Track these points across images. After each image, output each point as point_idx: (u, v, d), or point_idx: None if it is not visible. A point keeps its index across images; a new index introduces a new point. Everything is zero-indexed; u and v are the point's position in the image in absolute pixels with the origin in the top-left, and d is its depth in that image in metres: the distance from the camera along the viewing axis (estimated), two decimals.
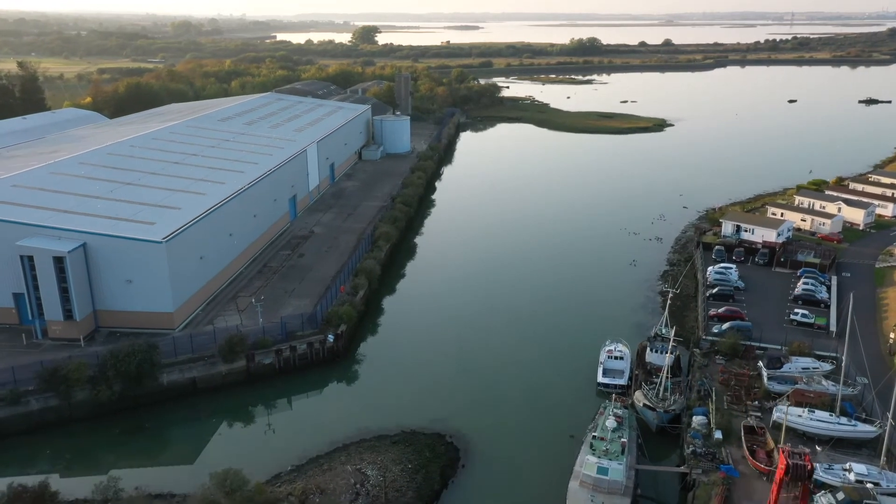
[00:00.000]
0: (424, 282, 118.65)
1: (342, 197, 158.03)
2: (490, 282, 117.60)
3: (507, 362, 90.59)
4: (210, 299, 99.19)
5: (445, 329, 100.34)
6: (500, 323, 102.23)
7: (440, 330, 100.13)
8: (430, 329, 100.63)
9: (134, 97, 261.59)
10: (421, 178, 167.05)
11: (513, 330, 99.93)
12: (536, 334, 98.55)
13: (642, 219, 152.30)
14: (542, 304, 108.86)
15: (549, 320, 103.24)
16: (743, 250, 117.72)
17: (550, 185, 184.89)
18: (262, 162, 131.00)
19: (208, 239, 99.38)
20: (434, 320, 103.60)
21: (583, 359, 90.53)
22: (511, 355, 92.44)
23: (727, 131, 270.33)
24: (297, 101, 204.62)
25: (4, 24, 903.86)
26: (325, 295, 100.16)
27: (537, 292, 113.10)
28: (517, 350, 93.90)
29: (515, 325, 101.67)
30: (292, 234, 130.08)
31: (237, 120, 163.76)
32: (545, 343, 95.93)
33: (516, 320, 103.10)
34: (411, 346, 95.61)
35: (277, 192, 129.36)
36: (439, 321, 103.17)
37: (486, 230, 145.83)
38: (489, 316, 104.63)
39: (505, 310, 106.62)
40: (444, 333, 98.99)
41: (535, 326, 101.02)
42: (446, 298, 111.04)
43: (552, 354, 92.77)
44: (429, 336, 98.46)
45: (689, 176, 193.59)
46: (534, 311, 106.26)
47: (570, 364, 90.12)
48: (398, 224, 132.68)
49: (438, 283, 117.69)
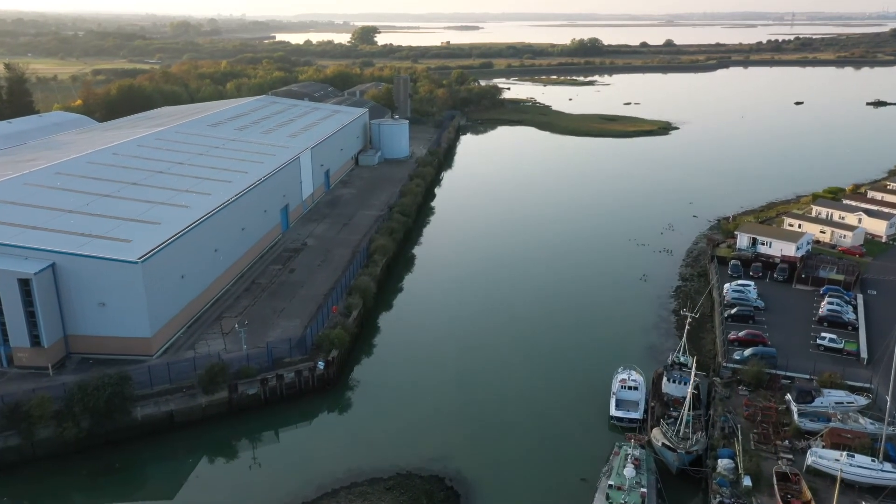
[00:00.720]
0: (422, 299, 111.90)
1: (337, 205, 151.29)
2: (491, 298, 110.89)
3: (510, 390, 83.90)
4: (192, 321, 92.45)
5: (444, 352, 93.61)
6: (502, 344, 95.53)
7: (439, 353, 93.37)
8: (428, 352, 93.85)
9: (126, 99, 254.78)
10: (420, 185, 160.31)
11: (517, 353, 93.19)
12: (542, 357, 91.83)
13: (650, 228, 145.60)
14: (547, 322, 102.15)
15: (555, 341, 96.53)
16: (760, 265, 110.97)
17: (554, 191, 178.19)
18: (253, 171, 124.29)
19: (191, 256, 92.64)
20: (432, 342, 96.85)
21: (592, 386, 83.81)
22: (515, 382, 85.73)
23: (734, 134, 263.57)
24: (291, 104, 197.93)
25: (2, 24, 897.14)
26: (317, 315, 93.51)
27: (542, 310, 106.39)
28: (521, 376, 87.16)
29: (519, 347, 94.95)
30: (284, 247, 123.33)
31: (228, 125, 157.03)
32: (551, 367, 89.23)
33: (520, 341, 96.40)
34: (408, 371, 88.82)
35: (268, 203, 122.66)
36: (438, 343, 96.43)
37: (486, 241, 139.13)
38: (491, 336, 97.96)
39: (507, 329, 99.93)
40: (442, 357, 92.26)
41: (540, 348, 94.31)
42: (445, 317, 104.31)
43: (559, 380, 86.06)
44: (427, 360, 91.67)
45: (697, 181, 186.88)
46: (539, 330, 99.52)
47: (579, 392, 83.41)
48: (395, 236, 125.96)
49: (437, 299, 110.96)
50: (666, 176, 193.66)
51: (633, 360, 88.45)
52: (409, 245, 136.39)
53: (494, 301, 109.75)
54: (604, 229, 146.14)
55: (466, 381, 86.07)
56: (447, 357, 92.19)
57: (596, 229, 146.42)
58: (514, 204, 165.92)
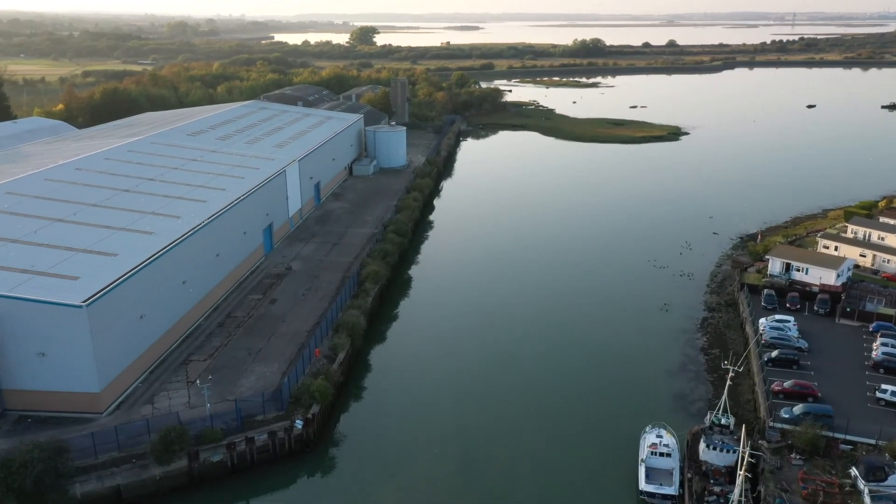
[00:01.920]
0: (418, 333, 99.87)
1: (328, 222, 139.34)
2: (494, 332, 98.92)
3: (520, 451, 71.98)
4: (153, 367, 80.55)
5: (442, 402, 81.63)
6: (510, 391, 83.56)
7: (436, 404, 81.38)
8: (424, 402, 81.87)
9: (110, 104, 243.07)
10: (417, 199, 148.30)
11: (526, 402, 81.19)
12: (555, 408, 79.84)
13: (668, 248, 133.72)
14: (560, 363, 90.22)
15: (569, 387, 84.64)
16: (798, 295, 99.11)
17: (561, 203, 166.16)
18: (232, 187, 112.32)
19: (153, 292, 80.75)
20: (429, 388, 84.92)
21: (615, 448, 71.93)
22: (525, 440, 73.81)
23: (746, 140, 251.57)
24: (281, 110, 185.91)
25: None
26: (297, 359, 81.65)
27: (554, 347, 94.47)
28: (532, 432, 75.25)
29: (529, 393, 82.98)
30: (266, 272, 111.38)
31: (210, 134, 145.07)
32: (566, 420, 77.30)
33: (530, 387, 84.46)
34: (400, 428, 76.73)
35: (249, 223, 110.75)
36: (434, 389, 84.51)
37: (488, 261, 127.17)
38: (496, 381, 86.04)
39: (515, 372, 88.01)
40: (440, 409, 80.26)
41: (553, 396, 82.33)
42: (442, 356, 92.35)
43: (576, 439, 74.14)
44: (422, 413, 79.65)
45: (713, 193, 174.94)
46: (551, 373, 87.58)
47: (600, 456, 71.48)
48: (389, 259, 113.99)
49: (434, 334, 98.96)
50: (679, 186, 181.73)
51: (660, 412, 76.85)
52: (405, 266, 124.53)
53: (498, 335, 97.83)
54: (617, 249, 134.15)
55: (469, 441, 74.10)
56: (445, 409, 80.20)
57: (609, 249, 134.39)
58: (518, 218, 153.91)
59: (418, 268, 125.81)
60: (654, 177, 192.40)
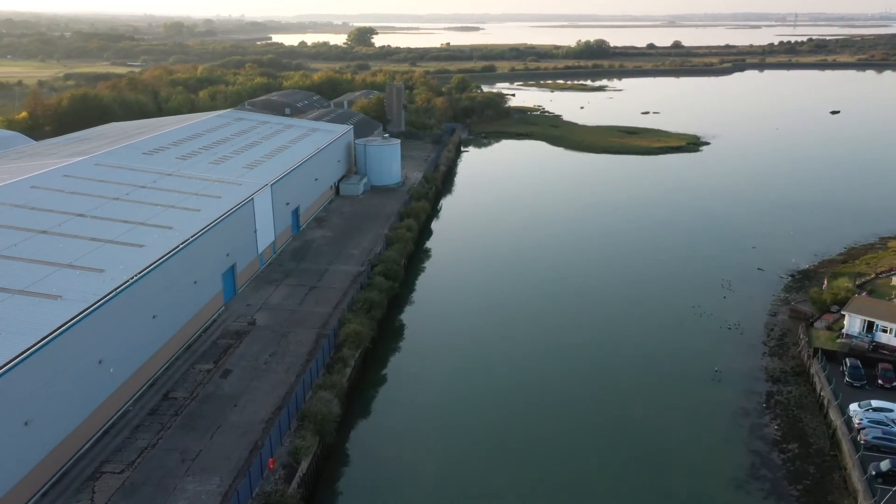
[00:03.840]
0: (407, 415, 79.04)
1: (306, 256, 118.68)
2: (501, 410, 78.25)
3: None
4: (48, 486, 59.84)
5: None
6: (523, 499, 63.02)
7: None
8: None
9: (79, 111, 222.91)
10: (411, 228, 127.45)
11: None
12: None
13: (706, 288, 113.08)
14: (586, 457, 69.51)
15: (601, 497, 63.98)
16: (892, 368, 78.46)
17: (574, 230, 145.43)
18: (183, 224, 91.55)
19: (49, 383, 60.04)
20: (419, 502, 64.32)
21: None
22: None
23: (772, 151, 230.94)
24: (260, 121, 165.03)
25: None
26: (246, 468, 61.00)
27: (577, 431, 73.78)
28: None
29: (548, 496, 62.42)
30: (223, 329, 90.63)
31: (170, 152, 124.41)
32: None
33: (549, 489, 63.89)
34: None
35: (202, 269, 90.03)
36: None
37: (493, 308, 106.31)
38: (508, 481, 65.35)
39: (529, 467, 67.31)
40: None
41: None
42: (437, 449, 71.65)
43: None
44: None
45: (747, 214, 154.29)
46: (575, 470, 66.91)
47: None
48: (374, 314, 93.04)
49: (427, 419, 78.19)
50: (708, 207, 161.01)
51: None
52: (395, 315, 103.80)
53: (508, 417, 77.15)
54: (647, 289, 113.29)
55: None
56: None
57: (637, 290, 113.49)
58: (526, 250, 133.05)
59: (411, 316, 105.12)
60: (678, 195, 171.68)
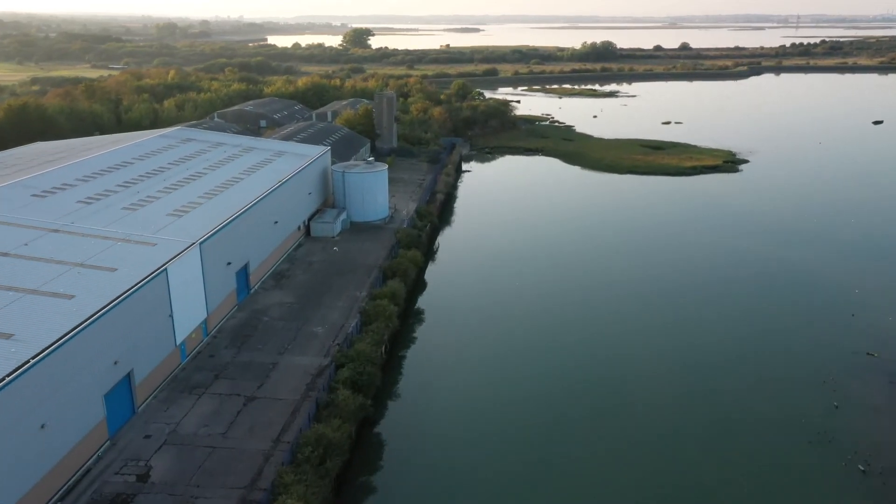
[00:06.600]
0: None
1: (251, 337, 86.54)
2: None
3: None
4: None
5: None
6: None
7: None
8: None
9: (18, 125, 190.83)
10: (398, 293, 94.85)
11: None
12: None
13: (799, 386, 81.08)
14: None
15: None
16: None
17: (604, 280, 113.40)
18: (42, 322, 59.60)
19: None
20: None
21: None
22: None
23: (823, 170, 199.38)
24: (214, 143, 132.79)
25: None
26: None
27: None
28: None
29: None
30: (93, 492, 58.55)
31: (74, 191, 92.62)
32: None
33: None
34: None
35: (72, 391, 58.10)
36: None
37: (498, 407, 74.46)
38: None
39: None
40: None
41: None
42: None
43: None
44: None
45: (826, 261, 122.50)
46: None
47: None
48: (330, 467, 60.61)
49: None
50: (772, 251, 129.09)
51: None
52: (368, 445, 71.84)
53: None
54: (714, 384, 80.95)
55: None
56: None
57: (700, 383, 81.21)
58: (544, 311, 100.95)
59: (390, 452, 73.27)
60: (726, 231, 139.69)
